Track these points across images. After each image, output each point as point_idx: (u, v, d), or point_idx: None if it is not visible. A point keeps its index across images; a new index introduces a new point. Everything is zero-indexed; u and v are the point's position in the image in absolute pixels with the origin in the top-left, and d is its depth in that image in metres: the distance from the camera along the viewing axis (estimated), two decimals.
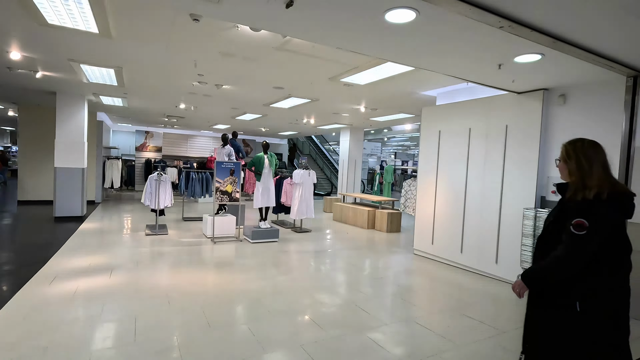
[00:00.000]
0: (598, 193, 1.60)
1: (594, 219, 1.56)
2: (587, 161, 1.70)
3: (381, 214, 8.81)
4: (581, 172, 1.69)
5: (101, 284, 4.10)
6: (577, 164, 1.72)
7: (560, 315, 1.66)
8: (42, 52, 4.94)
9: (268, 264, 5.38)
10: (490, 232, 4.95)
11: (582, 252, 1.58)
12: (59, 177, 8.20)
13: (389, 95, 6.55)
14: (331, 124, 11.40)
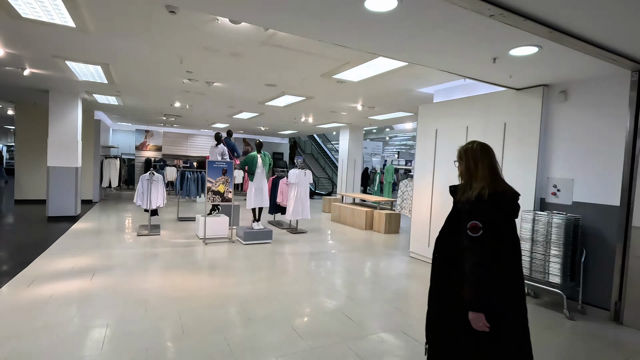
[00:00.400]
0: (480, 194, 1.68)
1: (486, 218, 1.64)
2: (474, 163, 1.79)
3: (379, 215, 8.60)
4: (469, 174, 1.80)
5: (80, 288, 3.95)
6: (466, 165, 1.82)
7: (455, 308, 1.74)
8: (25, 49, 4.81)
9: (257, 267, 5.21)
10: None
11: (487, 250, 1.63)
12: (52, 177, 8.11)
13: (385, 92, 6.34)
14: (330, 123, 11.21)
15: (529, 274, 3.99)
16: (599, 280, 3.74)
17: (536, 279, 3.93)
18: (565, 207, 4.02)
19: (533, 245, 3.94)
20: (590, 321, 3.66)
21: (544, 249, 3.84)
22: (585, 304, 3.83)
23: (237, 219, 8.02)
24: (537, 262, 3.91)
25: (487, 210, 1.66)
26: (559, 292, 3.75)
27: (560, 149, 4.10)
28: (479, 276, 1.63)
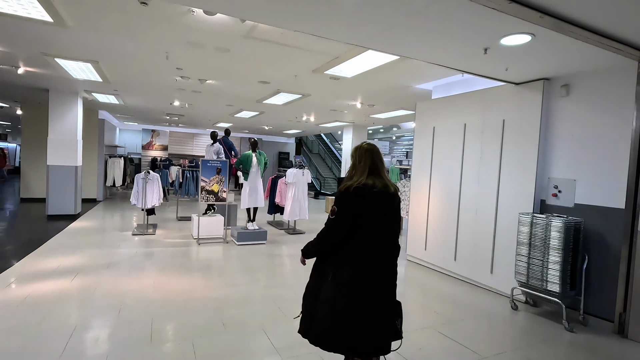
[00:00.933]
0: (349, 186, 1.95)
1: (340, 206, 1.94)
2: (359, 160, 2.03)
3: None
4: (354, 169, 2.04)
5: (58, 289, 3.87)
6: (353, 162, 2.07)
7: (322, 282, 2.00)
8: (13, 46, 4.78)
9: (246, 269, 5.07)
10: (485, 238, 4.48)
11: (332, 231, 1.97)
12: (52, 175, 8.15)
13: (383, 89, 6.12)
14: (333, 122, 11.02)
15: (526, 281, 3.73)
16: (602, 289, 3.46)
17: (533, 286, 3.66)
18: (567, 210, 3.74)
19: (531, 250, 3.68)
20: (591, 334, 3.38)
21: (543, 254, 3.58)
22: (587, 315, 3.55)
23: (234, 219, 7.92)
24: (534, 268, 3.64)
25: (345, 201, 1.95)
26: (557, 302, 3.47)
27: (562, 148, 3.82)
28: (316, 244, 2.07)
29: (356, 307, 1.92)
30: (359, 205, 1.93)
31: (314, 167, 20.58)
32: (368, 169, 2.00)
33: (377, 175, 2.01)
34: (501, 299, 4.18)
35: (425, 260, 5.43)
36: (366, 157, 2.03)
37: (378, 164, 2.03)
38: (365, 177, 1.97)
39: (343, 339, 1.92)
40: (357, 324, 1.91)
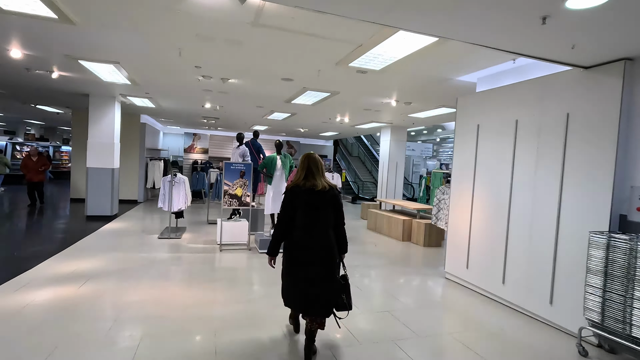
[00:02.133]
0: (287, 186, 2.79)
1: (284, 201, 2.74)
2: (300, 167, 2.78)
3: (418, 225, 7.59)
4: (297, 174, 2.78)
5: (61, 297, 3.70)
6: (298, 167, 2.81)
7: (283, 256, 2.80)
8: (37, 49, 4.81)
9: (262, 281, 4.64)
10: (542, 260, 3.64)
11: (280, 220, 2.73)
12: (90, 177, 8.40)
13: (418, 83, 5.42)
14: (368, 123, 10.38)
15: (599, 321, 2.88)
16: None
17: (611, 328, 2.81)
18: None
19: (607, 280, 2.83)
20: None
21: (625, 287, 2.72)
22: None
23: (262, 224, 7.60)
24: (613, 305, 2.79)
25: (286, 195, 2.72)
26: None
27: None
28: (273, 234, 2.80)
29: (295, 277, 2.66)
30: (294, 199, 2.66)
31: (352, 170, 19.95)
32: (304, 173, 2.72)
33: (310, 177, 2.70)
34: (565, 339, 3.33)
35: (467, 280, 4.65)
36: (303, 164, 2.76)
37: (312, 169, 2.71)
38: (301, 179, 2.71)
39: (292, 300, 2.75)
40: (299, 289, 2.65)
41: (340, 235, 2.80)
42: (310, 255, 2.61)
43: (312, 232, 2.63)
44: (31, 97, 9.61)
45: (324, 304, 2.63)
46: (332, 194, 2.72)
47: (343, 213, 2.81)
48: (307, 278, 2.61)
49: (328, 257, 2.65)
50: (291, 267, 2.69)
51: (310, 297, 2.61)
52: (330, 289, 2.66)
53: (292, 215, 2.66)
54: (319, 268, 2.62)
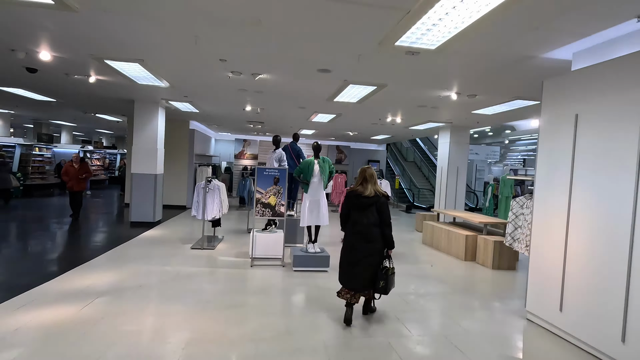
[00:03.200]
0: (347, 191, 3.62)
1: (343, 202, 3.64)
2: (358, 177, 3.61)
3: (484, 242, 6.28)
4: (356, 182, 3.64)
5: (56, 321, 3.25)
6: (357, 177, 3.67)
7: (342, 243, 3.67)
8: (63, 50, 4.60)
9: (288, 310, 3.86)
10: None
11: (341, 215, 3.67)
12: (134, 183, 8.38)
13: (487, 66, 4.28)
14: (425, 123, 9.19)
15: None
16: None
17: None
18: None
19: None
20: None
21: None
22: None
23: (300, 236, 6.87)
24: None
25: (345, 199, 3.63)
26: None
27: None
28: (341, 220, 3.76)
29: (347, 258, 3.53)
30: (349, 201, 3.56)
31: (407, 176, 18.56)
32: (360, 181, 3.57)
33: (364, 185, 3.52)
34: None
35: (561, 327, 3.40)
36: (361, 175, 3.59)
37: (367, 179, 3.53)
38: (357, 186, 3.58)
39: (342, 276, 3.56)
40: (347, 268, 3.52)
41: (385, 233, 3.46)
42: (357, 244, 3.45)
43: (360, 227, 3.45)
44: (89, 106, 10.03)
45: (365, 283, 3.45)
46: (377, 200, 3.46)
47: (387, 216, 3.48)
48: (353, 261, 3.46)
49: (370, 248, 3.44)
50: (344, 252, 3.58)
51: (353, 275, 3.45)
52: (368, 273, 3.44)
53: (348, 214, 3.57)
54: (362, 254, 3.43)
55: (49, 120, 14.88)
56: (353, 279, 3.45)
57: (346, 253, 3.54)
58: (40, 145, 13.69)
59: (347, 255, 3.52)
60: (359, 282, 3.43)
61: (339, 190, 13.26)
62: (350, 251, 3.48)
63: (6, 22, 3.74)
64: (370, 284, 3.44)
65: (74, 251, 5.96)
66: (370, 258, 3.42)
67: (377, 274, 3.42)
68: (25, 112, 12.41)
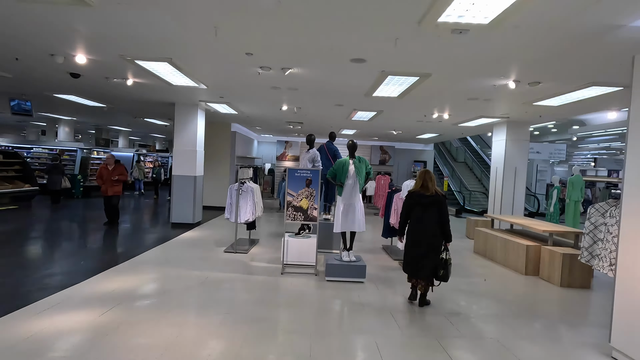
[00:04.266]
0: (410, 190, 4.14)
1: (404, 201, 4.13)
2: (417, 178, 4.09)
3: (550, 254, 5.38)
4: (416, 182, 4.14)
5: (72, 328, 3.12)
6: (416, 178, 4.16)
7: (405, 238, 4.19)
8: (95, 52, 4.61)
9: (320, 327, 3.42)
10: None
11: (402, 214, 4.13)
12: (175, 185, 8.49)
13: (557, 41, 3.52)
14: (477, 119, 8.29)
15: None
16: None
17: None
18: None
19: None
20: None
21: None
22: None
23: (337, 242, 6.42)
24: None
25: (406, 198, 4.13)
26: None
27: None
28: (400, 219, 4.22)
29: (411, 252, 4.00)
30: (411, 200, 4.02)
31: (457, 178, 17.31)
32: (421, 182, 4.00)
33: (424, 186, 3.97)
34: None
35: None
36: (419, 176, 4.06)
37: (427, 180, 3.99)
38: (418, 187, 4.01)
39: (407, 267, 4.05)
40: (411, 260, 4.00)
41: (444, 228, 3.92)
42: (421, 239, 3.93)
43: (421, 223, 3.93)
44: (136, 111, 10.44)
45: (427, 272, 3.93)
46: (437, 198, 3.92)
47: (446, 212, 3.95)
48: (416, 254, 3.94)
49: (432, 241, 3.92)
50: (408, 247, 4.04)
51: (417, 266, 3.96)
52: (432, 263, 3.90)
53: (409, 212, 4.02)
54: (424, 248, 3.91)
55: (107, 125, 15.97)
56: (418, 271, 3.97)
57: (411, 248, 4.01)
58: (98, 149, 14.64)
59: (411, 250, 4.01)
60: (424, 272, 3.94)
61: (382, 192, 12.61)
62: (414, 245, 3.97)
63: (39, 26, 3.76)
64: (432, 273, 3.94)
65: (108, 253, 6.05)
66: (432, 251, 3.91)
67: (438, 264, 3.92)
68: (85, 118, 13.35)
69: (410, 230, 4.03)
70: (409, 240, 4.04)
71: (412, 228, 4.01)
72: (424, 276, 3.95)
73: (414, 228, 3.99)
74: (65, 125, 14.35)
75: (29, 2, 3.13)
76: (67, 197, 12.25)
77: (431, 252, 3.89)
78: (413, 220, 4.00)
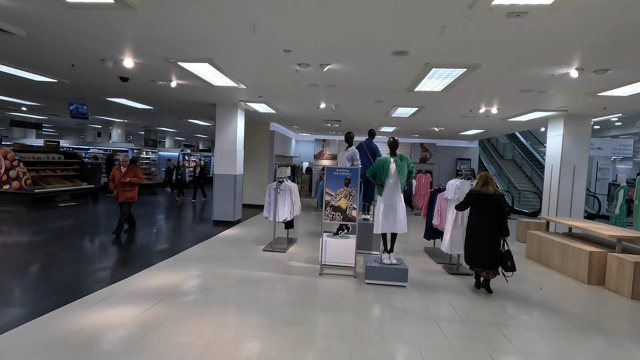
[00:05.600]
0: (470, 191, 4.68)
1: (466, 197, 4.66)
2: (478, 180, 4.59)
3: (618, 262, 4.82)
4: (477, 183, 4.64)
5: (119, 323, 3.23)
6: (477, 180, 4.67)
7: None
8: (140, 55, 4.78)
9: (360, 332, 3.27)
10: None
11: (461, 206, 4.68)
12: (216, 183, 8.70)
13: (631, 20, 3.09)
14: (529, 112, 7.66)
15: None
16: None
17: None
18: None
19: None
20: None
21: None
22: None
23: (376, 242, 6.22)
24: None
25: (466, 196, 4.64)
26: None
27: None
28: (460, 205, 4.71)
29: (470, 242, 4.55)
30: (473, 198, 4.49)
31: (504, 177, 16.29)
32: (482, 183, 4.47)
33: (486, 186, 4.42)
34: None
35: None
36: (481, 179, 4.52)
37: (488, 181, 4.44)
38: (479, 186, 4.48)
39: (468, 258, 4.60)
40: (471, 252, 4.53)
41: (502, 224, 4.32)
42: (478, 232, 4.44)
43: (481, 218, 4.43)
44: (181, 112, 10.87)
45: (486, 262, 4.40)
46: (496, 197, 4.39)
47: (504, 209, 4.40)
48: (475, 245, 4.47)
49: (488, 234, 4.38)
50: (467, 240, 4.64)
51: (476, 256, 4.48)
52: (490, 253, 4.36)
53: (468, 206, 4.59)
54: (481, 240, 4.41)
55: (155, 127, 16.87)
56: (477, 260, 4.48)
57: (470, 239, 4.56)
58: (146, 149, 15.44)
59: (470, 241, 4.56)
60: (481, 262, 4.43)
61: (423, 191, 12.13)
62: (473, 236, 4.49)
63: (89, 32, 3.94)
64: (491, 264, 4.39)
65: (152, 248, 6.28)
66: (489, 242, 4.37)
67: (502, 257, 4.34)
68: (135, 120, 14.16)
69: (469, 225, 4.58)
70: (468, 234, 4.60)
71: (471, 222, 4.56)
72: (483, 266, 4.43)
73: (472, 222, 4.53)
74: (118, 127, 15.33)
75: (78, 9, 3.27)
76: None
77: (490, 244, 4.35)
78: (472, 216, 4.55)
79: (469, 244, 4.59)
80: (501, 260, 4.34)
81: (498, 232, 4.34)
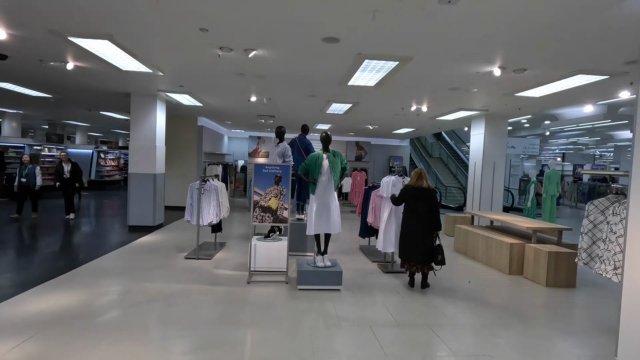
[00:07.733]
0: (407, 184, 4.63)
1: (400, 192, 4.62)
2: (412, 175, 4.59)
3: (535, 252, 5.11)
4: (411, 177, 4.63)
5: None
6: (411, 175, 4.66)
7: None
8: (20, 27, 3.82)
9: (293, 353, 2.88)
10: None
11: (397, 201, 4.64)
12: (131, 184, 7.68)
13: (553, 11, 3.14)
14: (455, 112, 7.99)
15: None
16: None
17: None
18: None
19: None
20: None
21: None
22: None
23: (310, 244, 5.90)
24: None
25: (402, 191, 4.58)
26: None
27: None
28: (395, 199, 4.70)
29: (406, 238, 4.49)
30: (409, 192, 4.46)
31: (432, 174, 17.22)
32: (416, 178, 4.48)
33: (419, 181, 4.46)
34: None
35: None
36: (416, 174, 4.53)
37: (422, 176, 4.51)
38: (414, 181, 4.49)
39: (402, 253, 4.53)
40: (406, 246, 4.47)
41: (435, 218, 4.40)
42: (414, 226, 4.43)
43: (417, 212, 4.42)
44: (89, 103, 9.46)
45: (420, 257, 4.39)
46: (429, 192, 4.46)
47: (437, 204, 4.50)
48: (410, 239, 4.45)
49: (424, 229, 4.39)
50: (402, 234, 4.60)
51: (410, 251, 4.45)
52: (424, 247, 4.37)
53: (403, 200, 4.57)
54: (416, 234, 4.41)
55: (61, 120, 14.64)
56: (411, 254, 4.43)
57: (406, 235, 4.50)
58: (49, 145, 13.37)
59: (406, 237, 4.50)
60: (415, 256, 4.39)
61: (358, 189, 12.20)
62: (409, 232, 4.45)
63: None
64: (426, 259, 4.38)
65: (51, 262, 5.24)
66: (425, 237, 4.37)
67: (434, 250, 4.38)
68: (33, 111, 12.10)
69: (405, 219, 4.55)
70: (403, 228, 4.56)
71: (407, 216, 4.52)
72: (417, 261, 4.41)
73: (408, 216, 4.50)
74: (11, 120, 13.00)
75: None
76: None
77: (425, 238, 4.37)
78: (407, 210, 4.53)
79: (404, 238, 4.55)
80: (432, 254, 4.39)
81: (432, 226, 4.39)
